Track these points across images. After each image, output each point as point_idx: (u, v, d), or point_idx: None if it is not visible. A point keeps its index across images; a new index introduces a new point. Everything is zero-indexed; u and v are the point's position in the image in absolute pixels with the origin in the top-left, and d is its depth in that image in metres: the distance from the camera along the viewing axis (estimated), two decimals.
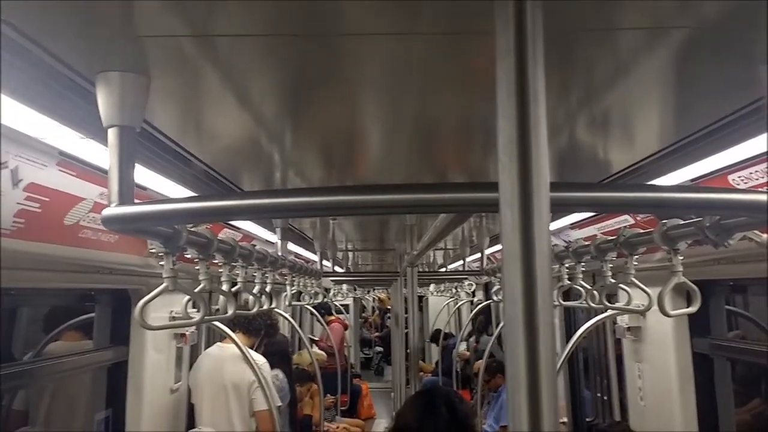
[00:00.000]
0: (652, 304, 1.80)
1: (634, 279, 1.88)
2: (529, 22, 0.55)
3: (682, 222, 1.49)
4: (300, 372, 5.84)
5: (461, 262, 5.34)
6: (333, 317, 9.87)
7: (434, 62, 1.10)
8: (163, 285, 1.38)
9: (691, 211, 1.35)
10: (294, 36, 0.98)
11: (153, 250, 1.37)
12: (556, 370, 0.53)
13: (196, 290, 1.55)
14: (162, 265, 1.44)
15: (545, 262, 0.53)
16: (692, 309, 1.69)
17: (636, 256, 1.89)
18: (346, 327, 10.32)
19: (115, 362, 3.18)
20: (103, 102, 1.05)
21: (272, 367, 4.90)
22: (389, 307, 15.33)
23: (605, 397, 4.69)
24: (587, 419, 5.13)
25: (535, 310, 0.52)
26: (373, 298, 15.87)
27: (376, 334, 15.26)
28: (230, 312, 1.78)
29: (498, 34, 0.55)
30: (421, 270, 7.43)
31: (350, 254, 6.52)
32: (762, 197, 1.09)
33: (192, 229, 1.47)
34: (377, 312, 16.49)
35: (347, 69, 1.14)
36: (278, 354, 5.08)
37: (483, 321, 8.79)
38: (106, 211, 1.04)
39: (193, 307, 1.84)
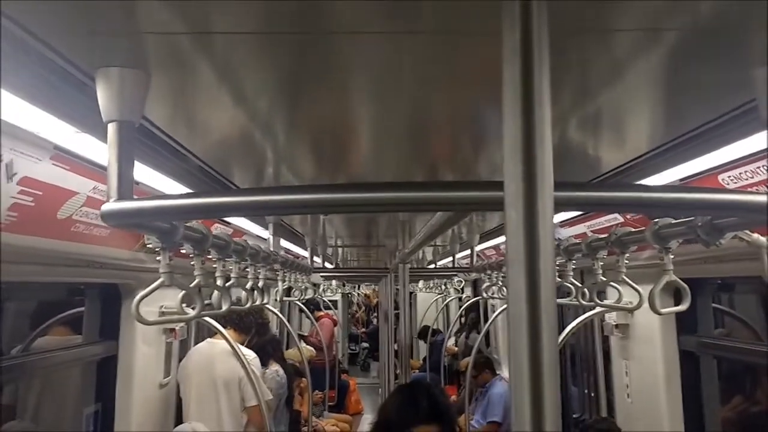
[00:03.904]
0: (643, 302, 1.82)
1: (625, 277, 1.90)
2: (535, 23, 0.56)
3: (674, 221, 1.51)
4: (291, 367, 5.84)
5: (451, 258, 5.36)
6: (322, 313, 9.87)
7: (427, 61, 1.11)
8: (160, 280, 1.38)
9: (687, 212, 1.37)
10: (289, 34, 0.99)
11: (150, 245, 1.36)
12: (558, 370, 0.54)
13: (191, 285, 1.55)
14: (156, 260, 1.44)
15: (549, 261, 0.54)
16: (683, 307, 1.71)
17: (626, 254, 1.91)
18: (335, 323, 10.32)
19: (104, 357, 3.18)
20: (103, 97, 1.05)
21: (270, 363, 4.91)
22: (375, 303, 15.38)
23: (592, 394, 4.73)
24: (574, 415, 5.17)
25: (539, 309, 0.53)
26: (357, 294, 15.86)
27: (363, 330, 15.29)
28: (225, 307, 1.78)
29: (504, 35, 0.56)
30: (410, 266, 7.44)
31: (340, 250, 6.52)
32: (752, 197, 1.10)
33: (187, 225, 1.47)
34: (363, 308, 16.50)
35: (341, 67, 1.15)
36: (274, 351, 5.09)
37: (474, 318, 8.82)
38: (105, 206, 1.04)
39: (185, 302, 1.84)
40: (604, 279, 2.05)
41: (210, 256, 1.83)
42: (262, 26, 0.97)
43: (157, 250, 1.35)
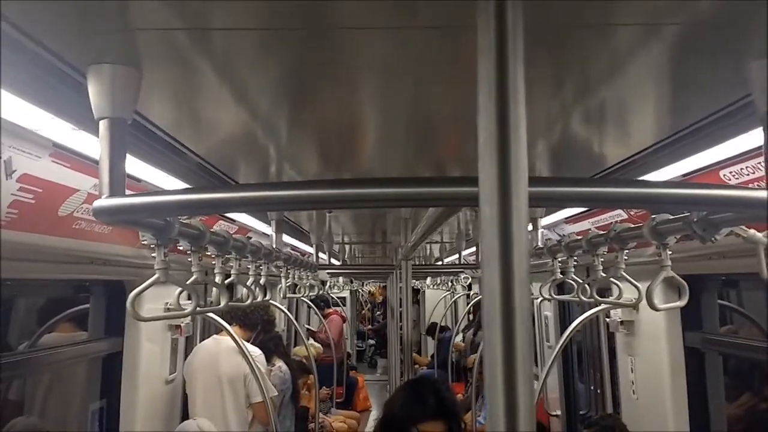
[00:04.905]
0: (642, 298, 1.81)
1: (624, 273, 1.89)
2: (510, 20, 0.55)
3: (672, 217, 1.50)
4: (296, 364, 5.86)
5: (457, 255, 5.35)
6: (331, 310, 9.89)
7: (429, 56, 1.10)
8: (155, 276, 1.38)
9: (678, 207, 1.36)
10: (289, 30, 0.98)
11: (145, 242, 1.37)
12: (532, 367, 0.54)
13: (188, 282, 1.55)
14: (155, 257, 1.45)
15: (523, 258, 0.53)
16: (681, 303, 1.70)
17: (627, 251, 1.90)
18: (344, 319, 10.33)
19: (109, 353, 3.19)
20: (95, 94, 1.05)
21: (273, 359, 4.94)
22: (380, 300, 15.44)
23: (598, 390, 4.72)
24: (581, 412, 5.16)
25: (513, 306, 0.53)
26: (362, 292, 15.88)
27: (369, 327, 15.34)
28: (223, 304, 1.79)
29: (479, 32, 0.56)
30: (417, 263, 7.45)
31: (347, 247, 6.52)
32: (749, 193, 1.09)
33: (185, 221, 1.48)
34: (368, 305, 16.53)
35: (342, 63, 1.14)
36: (276, 346, 5.11)
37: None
38: (97, 203, 1.04)
39: (187, 298, 1.85)
40: (604, 275, 2.04)
41: (209, 253, 1.84)
42: (262, 23, 0.97)
43: (152, 246, 1.35)
